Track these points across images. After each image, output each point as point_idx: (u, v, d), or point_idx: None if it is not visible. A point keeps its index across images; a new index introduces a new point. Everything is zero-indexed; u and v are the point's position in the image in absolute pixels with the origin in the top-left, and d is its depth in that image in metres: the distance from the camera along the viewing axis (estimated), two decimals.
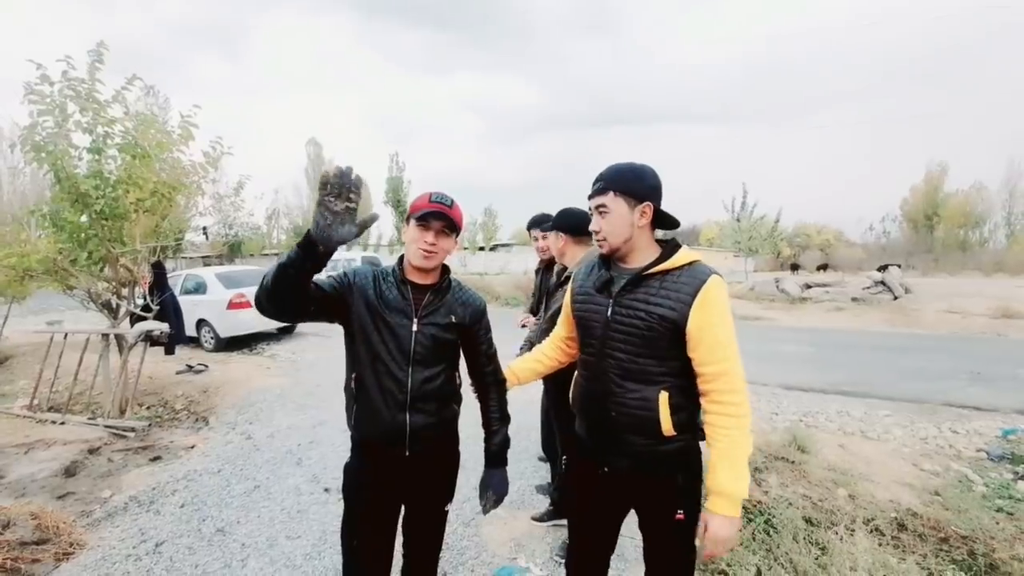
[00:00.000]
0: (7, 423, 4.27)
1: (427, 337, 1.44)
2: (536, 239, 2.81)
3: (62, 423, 4.17)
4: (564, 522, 2.40)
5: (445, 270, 1.54)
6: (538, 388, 2.53)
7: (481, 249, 34.28)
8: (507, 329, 2.53)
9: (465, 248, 34.29)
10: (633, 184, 1.31)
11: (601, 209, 1.33)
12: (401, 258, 1.51)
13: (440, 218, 1.40)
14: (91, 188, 3.73)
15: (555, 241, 2.34)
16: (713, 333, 1.23)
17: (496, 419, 1.61)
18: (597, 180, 1.35)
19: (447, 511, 1.62)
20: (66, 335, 4.72)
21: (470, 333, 1.54)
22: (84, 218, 3.94)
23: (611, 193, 1.31)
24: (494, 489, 1.57)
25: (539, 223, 2.77)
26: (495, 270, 26.37)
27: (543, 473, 3.17)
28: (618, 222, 1.31)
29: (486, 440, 1.62)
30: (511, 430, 1.64)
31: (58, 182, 3.76)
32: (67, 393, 4.50)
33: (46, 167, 3.72)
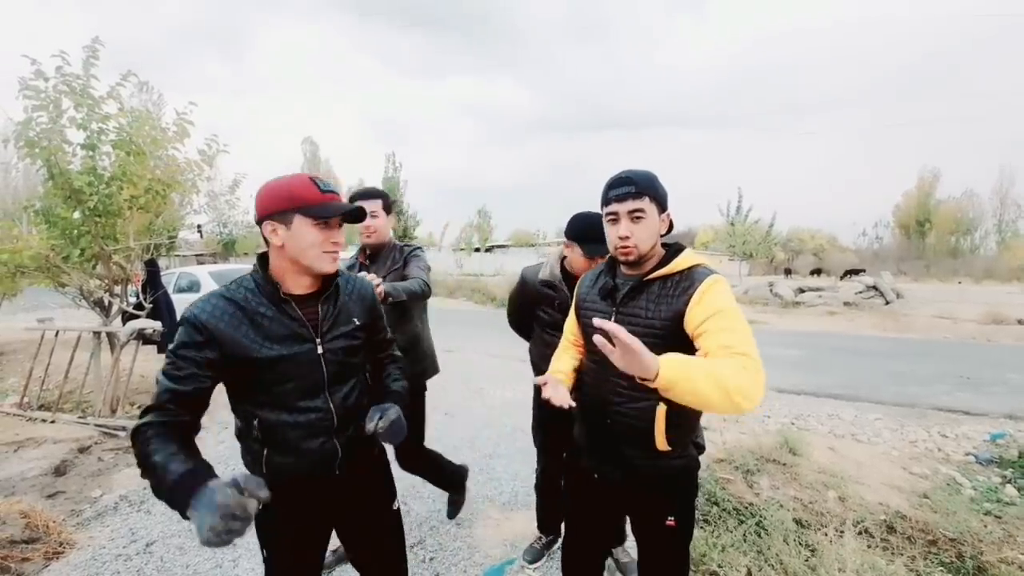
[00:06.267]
0: None
1: (337, 354, 1.25)
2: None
3: (52, 421, 4.12)
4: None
5: None
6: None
7: (477, 250, 34.26)
8: (506, 331, 2.52)
9: (461, 249, 34.27)
10: (660, 191, 1.30)
11: (637, 214, 1.26)
12: (263, 273, 1.21)
13: (340, 210, 1.20)
14: (84, 184, 3.70)
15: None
16: (719, 317, 1.15)
17: (398, 376, 1.48)
18: (625, 183, 1.26)
19: (398, 508, 1.51)
20: (57, 332, 4.67)
21: (371, 327, 1.39)
22: (77, 215, 3.91)
23: (647, 198, 1.26)
24: (385, 413, 1.28)
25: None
26: (491, 271, 26.40)
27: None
28: (652, 228, 1.29)
29: (385, 387, 1.43)
30: (507, 430, 1.63)
31: (51, 178, 3.73)
32: (58, 391, 4.45)
33: (39, 163, 3.69)
